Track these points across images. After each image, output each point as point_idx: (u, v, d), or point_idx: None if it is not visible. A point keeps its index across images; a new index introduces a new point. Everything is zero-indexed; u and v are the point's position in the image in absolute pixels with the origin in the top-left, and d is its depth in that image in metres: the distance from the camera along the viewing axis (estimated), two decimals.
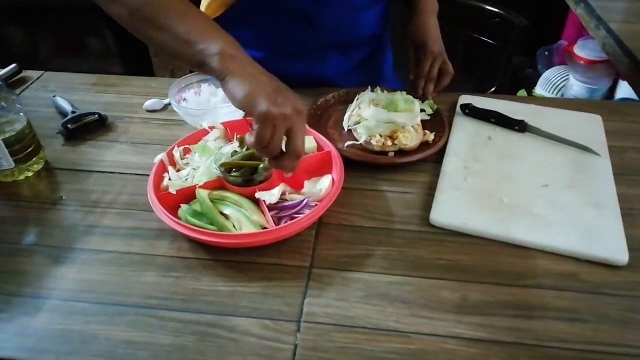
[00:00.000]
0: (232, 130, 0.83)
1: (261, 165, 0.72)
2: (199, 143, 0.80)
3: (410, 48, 0.98)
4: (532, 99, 1.31)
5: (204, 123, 0.82)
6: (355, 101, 0.91)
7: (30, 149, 0.81)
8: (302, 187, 0.75)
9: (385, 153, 0.83)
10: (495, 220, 0.71)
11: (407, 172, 0.81)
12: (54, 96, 0.99)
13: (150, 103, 0.98)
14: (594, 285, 0.63)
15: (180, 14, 0.65)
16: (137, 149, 0.88)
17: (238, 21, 0.92)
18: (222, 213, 0.70)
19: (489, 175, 0.79)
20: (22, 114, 0.80)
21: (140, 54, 2.31)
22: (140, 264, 0.67)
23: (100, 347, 0.57)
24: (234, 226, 0.69)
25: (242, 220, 0.69)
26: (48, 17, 2.27)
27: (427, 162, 0.83)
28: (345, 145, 0.84)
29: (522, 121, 0.88)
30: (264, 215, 0.70)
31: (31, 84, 1.07)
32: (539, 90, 1.99)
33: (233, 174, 0.72)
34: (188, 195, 0.72)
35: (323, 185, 0.75)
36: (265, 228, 0.68)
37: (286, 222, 0.69)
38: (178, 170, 0.77)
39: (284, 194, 0.73)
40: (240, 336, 0.58)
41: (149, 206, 0.71)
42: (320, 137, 0.81)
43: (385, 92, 0.91)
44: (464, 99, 0.96)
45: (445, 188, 0.76)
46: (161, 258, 0.68)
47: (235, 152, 0.75)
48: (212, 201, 0.70)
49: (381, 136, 0.82)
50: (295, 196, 0.73)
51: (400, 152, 0.83)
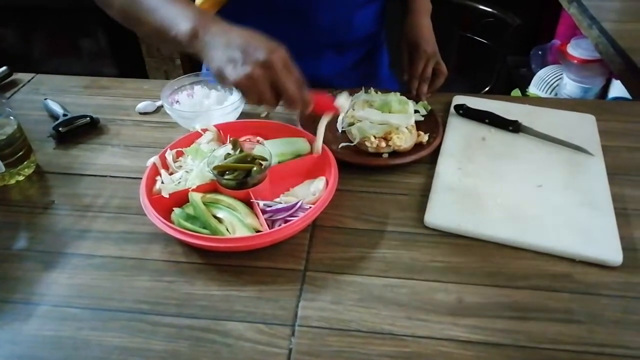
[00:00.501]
0: (225, 132, 0.82)
1: (254, 168, 0.72)
2: (192, 145, 0.79)
3: (403, 48, 0.98)
4: (525, 99, 1.31)
5: (196, 125, 0.82)
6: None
7: (20, 153, 0.80)
8: (335, 110, 0.76)
9: (379, 154, 0.82)
10: (489, 221, 0.70)
11: (401, 173, 0.81)
12: (45, 99, 0.98)
13: (142, 105, 0.97)
14: (588, 285, 0.63)
15: (149, 7, 0.69)
16: (129, 152, 0.87)
17: (231, 20, 0.92)
18: (215, 216, 0.69)
19: (483, 176, 0.79)
20: (12, 118, 0.79)
21: (133, 55, 2.30)
22: (132, 268, 0.66)
23: (92, 353, 0.57)
24: (227, 229, 0.68)
25: (236, 223, 0.68)
26: (41, 17, 2.26)
27: (421, 163, 0.83)
28: (339, 146, 0.84)
29: (516, 121, 0.88)
30: (258, 218, 0.70)
31: (22, 87, 1.06)
32: (533, 89, 1.99)
33: (226, 177, 0.71)
34: (181, 199, 0.72)
35: (317, 188, 0.75)
36: (258, 231, 0.68)
37: (280, 225, 0.69)
38: (170, 173, 0.76)
39: (277, 195, 0.73)
40: (234, 341, 0.58)
41: (142, 210, 0.70)
42: (314, 138, 0.80)
43: (379, 92, 0.91)
44: (458, 99, 0.96)
45: (439, 189, 0.76)
46: (154, 262, 0.67)
47: (228, 154, 0.75)
48: (205, 204, 0.70)
49: (375, 137, 0.82)
50: (289, 198, 0.73)
51: (394, 153, 0.83)
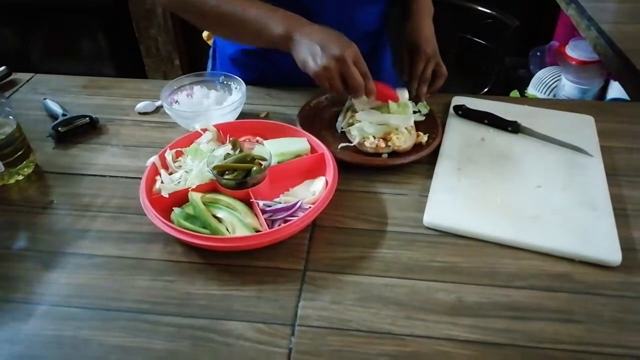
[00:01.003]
0: (224, 132, 0.82)
1: (254, 168, 0.72)
2: (191, 145, 0.79)
3: (403, 49, 0.98)
4: (524, 99, 1.32)
5: (196, 125, 0.82)
6: (347, 102, 0.91)
7: (20, 153, 0.80)
8: (396, 98, 0.85)
9: (378, 154, 0.82)
10: (489, 222, 0.71)
11: (401, 173, 0.81)
12: (44, 99, 0.98)
13: (141, 105, 0.97)
14: (587, 285, 0.64)
15: (237, 11, 0.82)
16: (129, 152, 0.87)
17: None
18: (215, 216, 0.69)
19: (482, 176, 0.79)
20: (11, 117, 0.79)
21: (132, 55, 2.30)
22: (132, 268, 0.66)
23: (92, 353, 0.57)
24: (227, 229, 0.68)
25: (235, 223, 0.68)
26: (40, 18, 2.26)
27: (420, 163, 0.83)
28: (339, 147, 0.84)
29: (515, 122, 0.88)
30: (257, 218, 0.70)
31: (21, 87, 1.06)
32: (531, 90, 2.00)
33: (226, 177, 0.71)
34: (180, 198, 0.72)
35: (316, 188, 0.75)
36: (258, 231, 0.68)
37: (279, 224, 0.69)
38: (170, 173, 0.76)
39: (276, 195, 0.73)
40: (234, 340, 0.58)
41: (141, 209, 0.70)
42: (313, 138, 0.81)
43: None
44: (457, 100, 0.96)
45: (438, 189, 0.76)
46: (154, 262, 0.67)
47: (228, 154, 0.75)
48: (204, 204, 0.70)
49: (374, 138, 0.82)
50: (289, 198, 0.73)
51: (394, 154, 0.83)
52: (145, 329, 0.59)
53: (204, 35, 1.30)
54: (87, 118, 0.92)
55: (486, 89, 1.77)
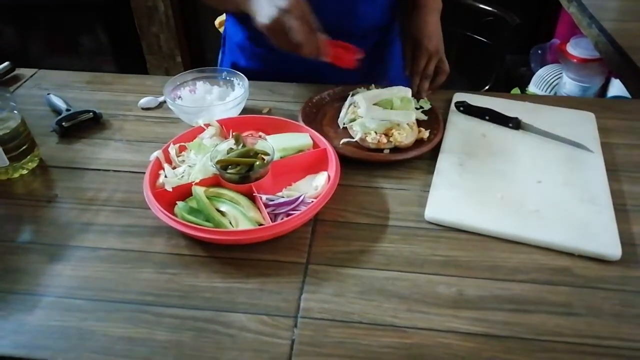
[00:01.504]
0: (227, 127, 0.82)
1: (257, 162, 0.73)
2: (195, 140, 0.79)
3: (407, 45, 0.98)
4: (525, 96, 1.32)
5: (199, 120, 0.82)
6: (349, 98, 0.92)
7: (24, 147, 0.80)
8: (354, 65, 0.85)
9: (380, 150, 0.83)
10: (490, 216, 0.71)
11: (402, 168, 0.82)
12: (48, 94, 0.98)
13: (145, 101, 0.98)
14: (587, 279, 0.64)
15: None
16: (132, 147, 0.88)
17: None
18: (218, 210, 0.70)
19: (483, 171, 0.80)
20: (16, 112, 0.80)
21: (133, 52, 2.31)
22: (136, 260, 0.67)
23: (97, 344, 0.57)
24: (230, 223, 0.69)
25: (238, 216, 0.69)
26: (41, 14, 2.26)
27: (422, 159, 0.83)
28: (341, 142, 0.84)
29: (516, 118, 0.89)
30: (260, 212, 0.70)
31: (24, 82, 1.06)
32: (532, 88, 2.00)
33: (229, 171, 0.72)
34: (184, 192, 0.72)
35: (319, 182, 0.76)
36: (261, 224, 0.69)
37: (282, 218, 0.70)
38: (173, 168, 0.77)
39: (279, 189, 0.74)
40: (238, 331, 0.58)
41: (145, 203, 0.71)
42: (316, 134, 0.81)
43: (380, 88, 0.92)
44: (459, 97, 0.96)
45: (440, 184, 0.77)
46: (157, 255, 0.68)
47: (231, 149, 0.76)
48: (208, 198, 0.70)
49: (376, 133, 0.83)
50: (291, 193, 0.74)
51: (395, 149, 0.83)
52: (150, 320, 0.60)
53: (216, 22, 1.30)
54: (91, 113, 0.92)
55: (487, 87, 1.78)
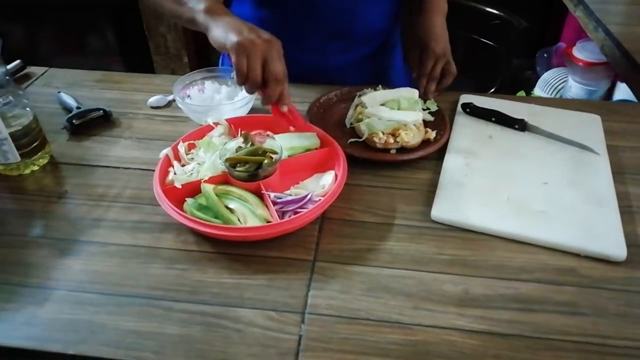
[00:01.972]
0: (236, 126, 0.83)
1: (265, 161, 0.73)
2: (204, 138, 0.80)
3: (414, 47, 0.99)
4: (532, 98, 1.33)
5: (208, 119, 0.83)
6: (356, 98, 0.92)
7: (36, 143, 0.81)
8: (306, 128, 0.81)
9: (387, 150, 0.84)
10: (496, 216, 0.72)
11: (409, 169, 0.82)
12: (59, 92, 1.00)
13: (154, 99, 0.99)
14: (592, 280, 0.65)
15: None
16: (141, 144, 0.89)
17: (238, 4, 0.94)
18: (226, 207, 0.71)
19: (489, 172, 0.80)
20: (28, 109, 0.81)
21: (140, 52, 2.32)
22: (146, 256, 0.68)
23: (107, 337, 0.58)
24: (238, 220, 0.69)
25: (247, 214, 0.70)
26: (50, 14, 2.28)
27: (428, 159, 0.84)
28: (348, 142, 0.85)
29: (522, 120, 0.89)
30: (268, 209, 0.71)
31: (35, 80, 1.08)
32: (538, 91, 2.01)
33: (238, 169, 0.73)
34: (193, 190, 0.73)
35: (326, 181, 0.76)
36: (269, 222, 0.69)
37: (289, 216, 0.70)
38: (183, 165, 0.78)
39: (287, 188, 0.75)
40: (245, 327, 0.59)
41: (154, 200, 0.72)
42: (323, 133, 0.82)
43: (388, 89, 0.92)
44: (465, 98, 0.97)
45: (446, 184, 0.78)
46: (166, 251, 0.69)
47: (239, 147, 0.76)
48: (217, 195, 0.71)
49: (383, 133, 0.83)
50: (299, 191, 0.74)
51: (402, 149, 0.84)
52: (159, 315, 0.60)
53: None
54: (101, 111, 0.93)
55: (492, 90, 1.78)
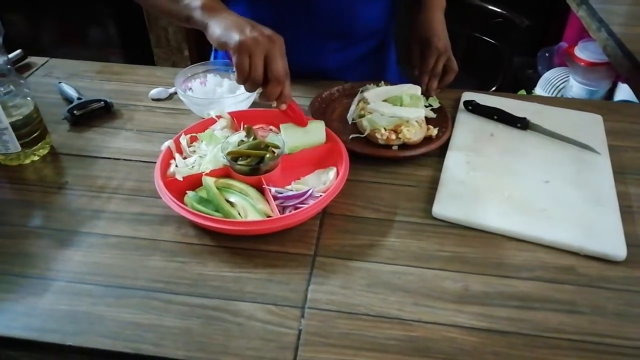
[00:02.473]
0: (238, 120, 0.83)
1: (267, 155, 0.73)
2: (206, 131, 0.80)
3: (415, 44, 0.99)
4: (534, 97, 1.33)
5: (211, 112, 0.83)
6: (359, 94, 0.92)
7: (36, 133, 0.81)
8: (305, 123, 0.79)
9: (389, 146, 0.83)
10: (496, 214, 0.72)
11: (410, 165, 0.82)
12: (59, 82, 0.99)
13: (155, 92, 0.99)
14: (592, 279, 0.65)
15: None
16: (142, 137, 0.88)
17: (234, 4, 0.94)
18: (227, 200, 0.71)
19: (491, 170, 0.80)
20: (29, 99, 0.80)
21: (141, 45, 2.32)
22: (146, 248, 0.68)
23: (106, 328, 0.58)
24: (239, 213, 0.69)
25: (248, 207, 0.70)
26: (51, 4, 2.27)
27: (430, 156, 0.84)
28: (350, 137, 0.85)
29: (524, 118, 0.89)
30: (269, 204, 0.71)
31: (36, 70, 1.07)
32: (539, 90, 2.01)
33: (239, 163, 0.73)
34: (194, 182, 0.73)
35: (328, 177, 0.76)
36: (269, 216, 0.69)
37: (290, 211, 0.70)
38: (184, 158, 0.78)
39: (288, 183, 0.74)
40: (245, 320, 0.59)
41: (155, 192, 0.71)
42: (326, 129, 0.81)
43: (390, 85, 0.92)
44: (467, 96, 0.97)
45: (447, 181, 0.78)
46: (167, 243, 0.69)
47: (241, 141, 0.76)
48: (218, 188, 0.71)
49: (385, 129, 0.83)
50: (300, 186, 0.74)
51: (404, 146, 0.84)
52: (158, 307, 0.60)
53: None
54: (102, 102, 0.93)
55: (494, 88, 1.78)
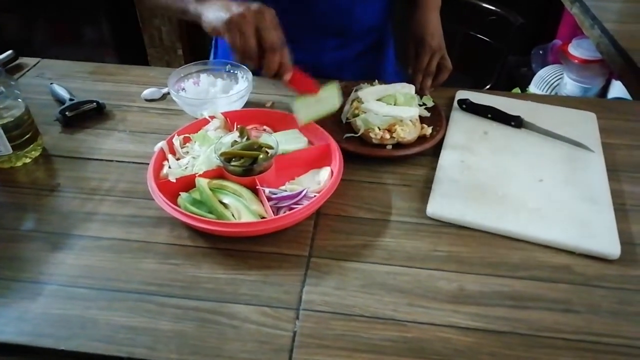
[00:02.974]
0: (232, 120, 0.83)
1: (261, 156, 0.73)
2: (199, 132, 0.80)
3: (409, 42, 0.98)
4: (528, 95, 1.33)
5: (204, 112, 0.83)
6: (353, 93, 0.92)
7: (28, 135, 0.80)
8: (316, 90, 0.78)
9: (383, 146, 0.83)
10: (491, 213, 0.72)
11: (405, 164, 0.82)
12: (51, 83, 0.98)
13: (148, 92, 0.98)
14: (586, 277, 0.65)
15: None
16: (135, 138, 0.88)
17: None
18: (221, 202, 0.70)
19: (485, 169, 0.80)
20: (20, 100, 0.80)
21: (135, 44, 2.30)
22: (139, 251, 0.67)
23: (99, 332, 0.58)
24: (232, 215, 0.69)
25: (241, 209, 0.69)
26: (44, 4, 2.25)
27: (424, 155, 0.84)
28: (344, 137, 0.85)
29: (518, 117, 0.89)
30: (263, 205, 0.70)
31: (27, 71, 1.06)
32: (533, 88, 2.01)
33: (233, 164, 0.72)
34: (187, 184, 0.73)
35: (322, 177, 0.76)
36: (263, 217, 0.69)
37: (284, 212, 0.70)
38: (177, 159, 0.77)
39: (283, 183, 0.74)
40: (240, 322, 0.59)
41: (148, 194, 0.71)
42: (319, 129, 0.81)
43: (384, 84, 0.92)
44: (461, 94, 0.97)
45: (442, 181, 0.77)
46: (160, 245, 0.68)
47: (235, 141, 0.76)
48: (211, 190, 0.71)
49: (379, 129, 0.83)
50: (294, 187, 0.74)
51: (398, 145, 0.83)
52: (152, 310, 0.60)
53: None
54: (94, 103, 0.92)
55: (488, 86, 1.78)
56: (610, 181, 0.78)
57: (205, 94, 0.92)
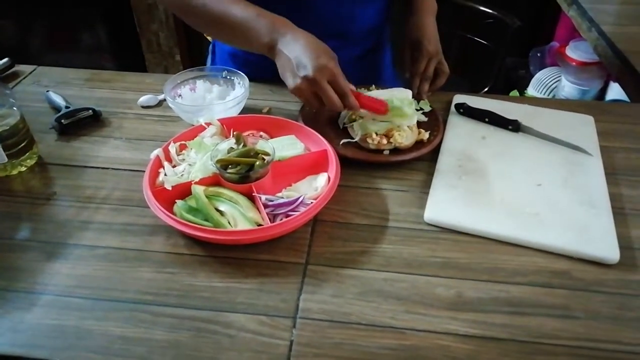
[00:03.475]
0: (228, 126, 0.82)
1: (257, 162, 0.72)
2: (195, 139, 0.79)
3: (406, 46, 0.98)
4: (525, 98, 1.33)
5: (200, 119, 0.82)
6: None
7: (23, 144, 0.80)
8: (385, 111, 0.82)
9: (380, 151, 0.83)
10: (489, 218, 0.71)
11: (402, 170, 0.82)
12: (47, 91, 0.98)
13: (144, 99, 0.98)
14: (586, 282, 0.64)
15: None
16: (131, 145, 0.87)
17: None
18: (217, 209, 0.70)
19: (483, 173, 0.80)
20: (15, 108, 0.79)
21: (133, 50, 2.30)
22: (134, 259, 0.67)
23: (95, 343, 0.57)
24: (229, 222, 0.69)
25: (237, 216, 0.69)
26: (41, 10, 2.25)
27: (421, 160, 0.83)
28: (341, 142, 0.84)
29: (516, 121, 0.89)
30: (259, 212, 0.70)
31: (23, 79, 1.06)
32: (531, 91, 2.01)
33: (229, 171, 0.72)
34: (183, 191, 0.72)
35: (319, 183, 0.75)
36: (260, 225, 0.68)
37: (281, 219, 0.69)
38: (174, 166, 0.77)
39: (279, 190, 0.74)
40: (236, 332, 0.58)
41: (144, 202, 0.70)
42: (317, 134, 0.81)
43: (381, 89, 0.92)
44: (459, 99, 0.97)
45: (439, 186, 0.77)
46: (156, 254, 0.68)
47: (231, 148, 0.75)
48: (207, 197, 0.70)
49: (376, 134, 0.83)
50: (291, 193, 0.73)
51: (395, 150, 0.83)
52: (148, 320, 0.59)
53: None
54: (90, 110, 0.92)
55: (486, 89, 1.78)
56: (608, 185, 0.78)
57: (202, 100, 0.92)
